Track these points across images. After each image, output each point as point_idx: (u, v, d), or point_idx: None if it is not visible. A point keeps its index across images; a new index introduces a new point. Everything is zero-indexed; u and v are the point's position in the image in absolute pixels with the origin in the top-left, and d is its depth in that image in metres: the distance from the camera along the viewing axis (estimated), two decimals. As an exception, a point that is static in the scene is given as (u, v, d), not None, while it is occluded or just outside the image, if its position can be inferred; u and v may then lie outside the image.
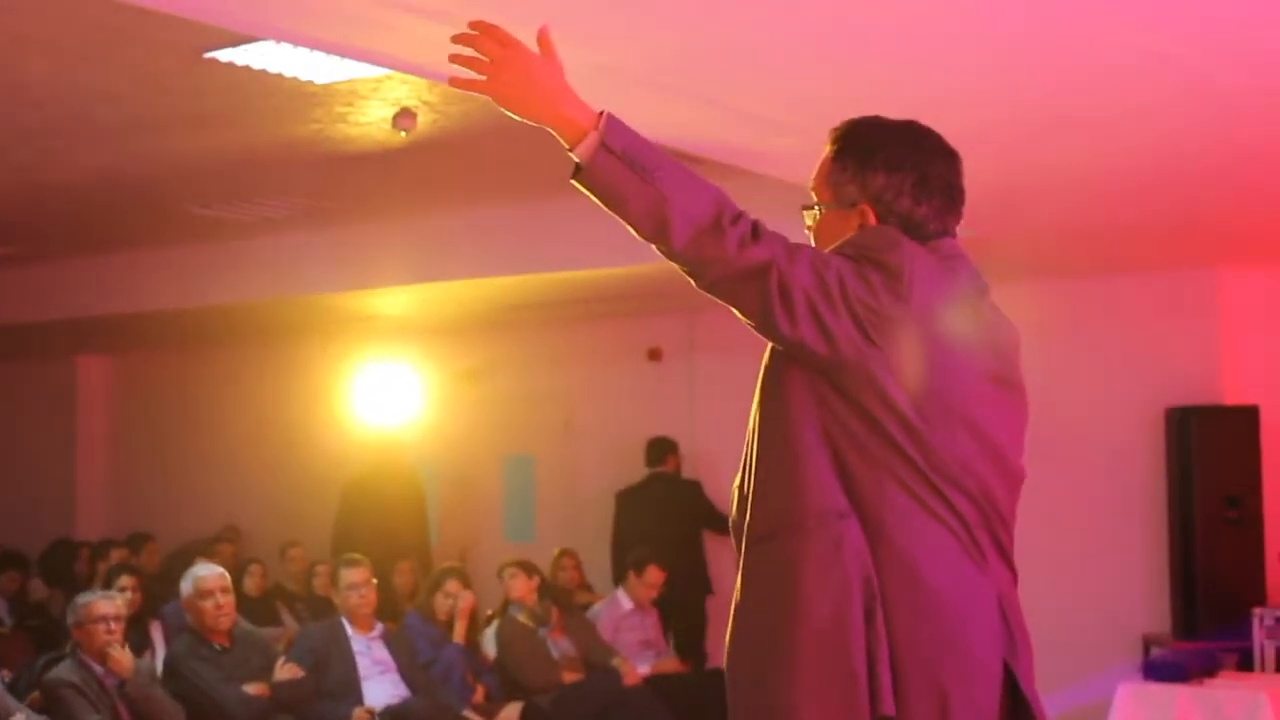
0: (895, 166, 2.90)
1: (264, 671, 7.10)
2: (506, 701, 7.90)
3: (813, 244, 2.99)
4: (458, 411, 11.77)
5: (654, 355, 11.40)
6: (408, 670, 7.57)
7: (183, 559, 10.07)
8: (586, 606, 9.11)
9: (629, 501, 10.58)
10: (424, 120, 7.06)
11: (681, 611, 10.07)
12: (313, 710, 7.16)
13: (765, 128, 5.83)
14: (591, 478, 11.45)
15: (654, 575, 9.01)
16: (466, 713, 7.52)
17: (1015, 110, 5.64)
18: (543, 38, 2.81)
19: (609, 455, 11.11)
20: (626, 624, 8.91)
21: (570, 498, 11.45)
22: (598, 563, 10.41)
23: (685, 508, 10.44)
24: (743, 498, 2.93)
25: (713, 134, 6.03)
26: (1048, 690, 2.97)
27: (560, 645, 8.36)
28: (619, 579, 9.49)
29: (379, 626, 7.67)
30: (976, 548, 2.79)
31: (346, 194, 8.95)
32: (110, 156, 7.88)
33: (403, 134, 7.22)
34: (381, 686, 7.45)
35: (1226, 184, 7.04)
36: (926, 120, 3.03)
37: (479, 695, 7.84)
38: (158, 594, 9.30)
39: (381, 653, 7.60)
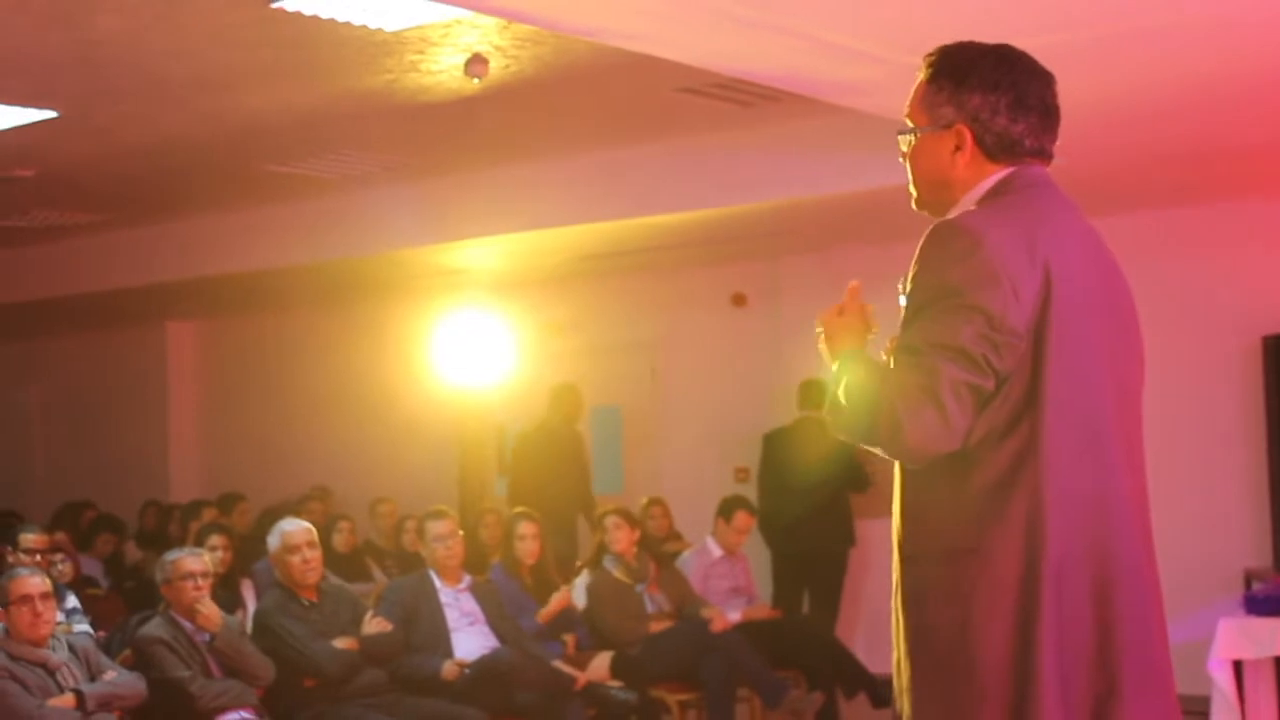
0: (991, 86, 2.94)
1: (353, 626, 7.09)
2: (596, 651, 7.86)
3: (908, 169, 3.04)
4: (545, 364, 11.71)
5: (738, 301, 11.29)
6: (496, 621, 7.54)
7: (272, 518, 10.13)
8: (676, 555, 9.03)
9: (777, 444, 10.41)
10: (496, 66, 6.98)
11: (822, 561, 10.03)
12: (403, 663, 7.15)
13: (845, 57, 5.72)
14: (676, 426, 11.38)
15: (743, 521, 8.93)
16: (557, 663, 7.46)
17: (1092, 28, 5.47)
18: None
19: (695, 403, 11.02)
20: (715, 571, 8.84)
21: (657, 447, 11.37)
22: (682, 512, 10.32)
23: (832, 455, 10.29)
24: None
25: (791, 64, 5.91)
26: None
27: (656, 599, 8.30)
28: (761, 526, 9.39)
29: (467, 578, 7.64)
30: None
31: (424, 146, 8.91)
32: (185, 117, 7.88)
33: (475, 81, 7.15)
34: (471, 638, 7.42)
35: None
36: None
37: (570, 646, 7.81)
38: (249, 553, 9.35)
39: (470, 604, 7.57)
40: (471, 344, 11.54)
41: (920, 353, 2.76)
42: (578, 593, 8.32)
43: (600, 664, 7.72)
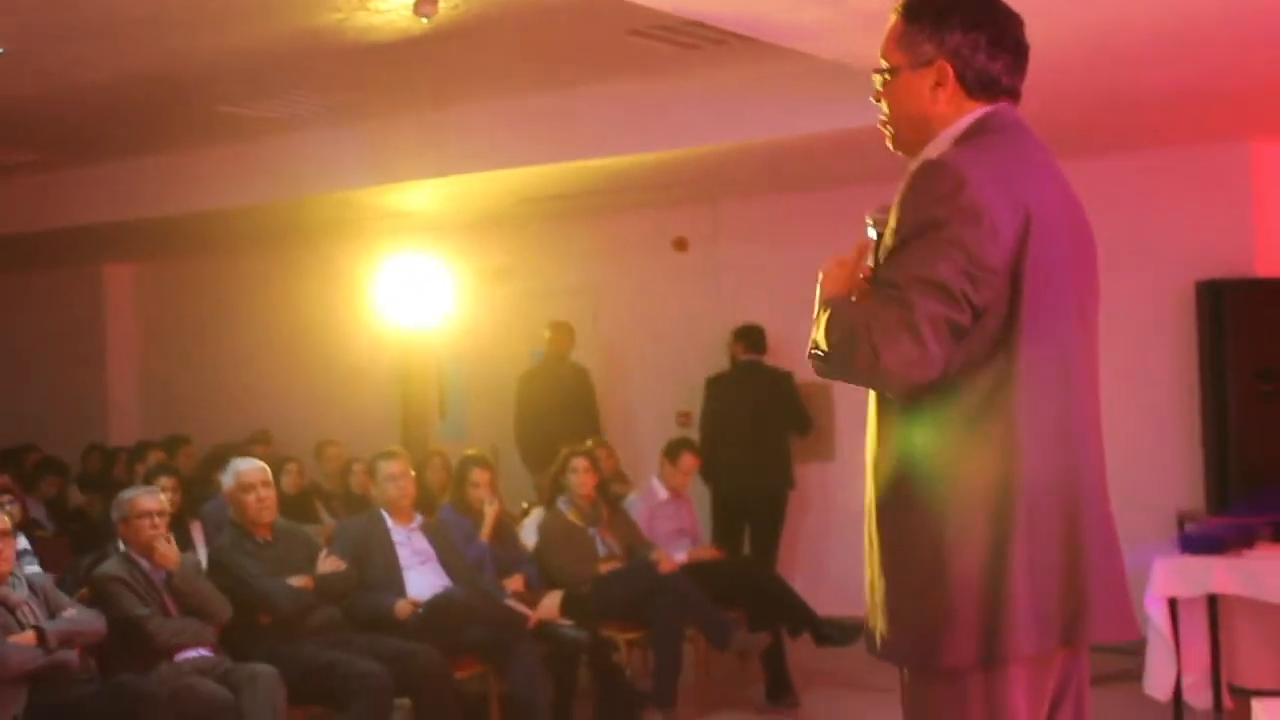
0: (972, 24, 3.03)
1: (307, 564, 7.13)
2: (545, 590, 7.94)
3: (884, 108, 3.13)
4: (486, 308, 11.75)
5: (679, 245, 11.35)
6: (447, 560, 7.60)
7: (215, 462, 10.15)
8: (622, 497, 9.12)
9: (718, 388, 10.55)
10: (444, 6, 6.98)
11: (762, 503, 10.16)
12: (356, 602, 7.20)
13: (801, 0, 5.74)
14: (618, 370, 11.45)
15: (688, 463, 9.02)
16: (509, 601, 7.54)
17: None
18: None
19: (636, 347, 11.09)
20: (661, 513, 8.94)
21: (599, 391, 11.43)
22: (624, 455, 10.40)
23: (774, 398, 10.44)
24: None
25: (747, 6, 5.95)
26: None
27: (607, 542, 8.39)
28: (702, 469, 9.53)
29: (418, 518, 7.70)
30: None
31: (369, 87, 8.89)
32: (133, 57, 7.82)
33: (424, 20, 7.15)
34: (423, 576, 7.48)
35: (1257, 52, 6.94)
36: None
37: (518, 584, 7.87)
38: (194, 496, 9.37)
39: (421, 543, 7.63)
40: (413, 287, 11.53)
41: (900, 286, 2.84)
42: (528, 531, 8.41)
43: (551, 603, 7.79)
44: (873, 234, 3.13)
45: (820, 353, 2.97)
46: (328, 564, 7.14)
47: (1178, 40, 6.66)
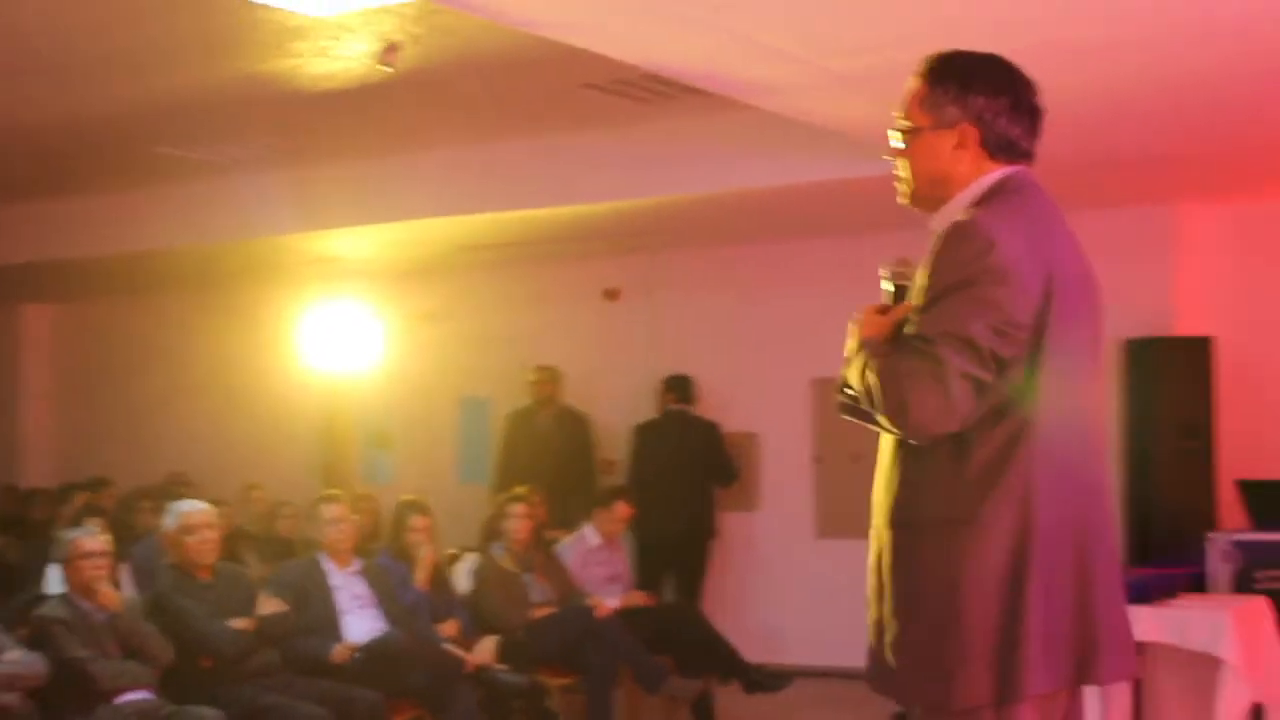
0: (995, 90, 3.21)
1: (247, 606, 7.11)
2: (480, 635, 7.96)
3: (902, 167, 3.28)
4: (415, 354, 11.79)
5: (610, 295, 11.46)
6: (386, 604, 7.60)
7: (133, 504, 10.08)
8: (551, 543, 9.16)
9: (646, 436, 10.70)
10: (405, 56, 7.05)
11: (685, 551, 10.24)
12: (294, 645, 7.18)
13: (768, 57, 5.90)
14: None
15: (621, 510, 9.09)
16: (446, 646, 7.56)
17: (1009, 42, 5.70)
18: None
19: (566, 395, 11.15)
20: (594, 559, 8.98)
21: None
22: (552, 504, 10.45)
23: (699, 448, 10.56)
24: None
25: (715, 61, 6.07)
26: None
27: (541, 588, 8.43)
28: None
29: (357, 562, 7.70)
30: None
31: (313, 133, 8.93)
32: (86, 95, 7.81)
33: (387, 69, 7.20)
34: (361, 620, 7.48)
35: (1183, 121, 7.19)
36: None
37: (452, 629, 7.88)
38: (117, 537, 9.26)
39: (360, 587, 7.62)
40: (340, 331, 11.56)
41: (932, 341, 2.98)
42: (459, 577, 8.43)
43: (486, 647, 7.83)
44: (887, 286, 3.29)
45: (849, 395, 3.09)
46: (269, 605, 7.12)
47: (1105, 108, 6.88)
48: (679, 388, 10.72)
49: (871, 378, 3.04)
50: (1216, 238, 9.21)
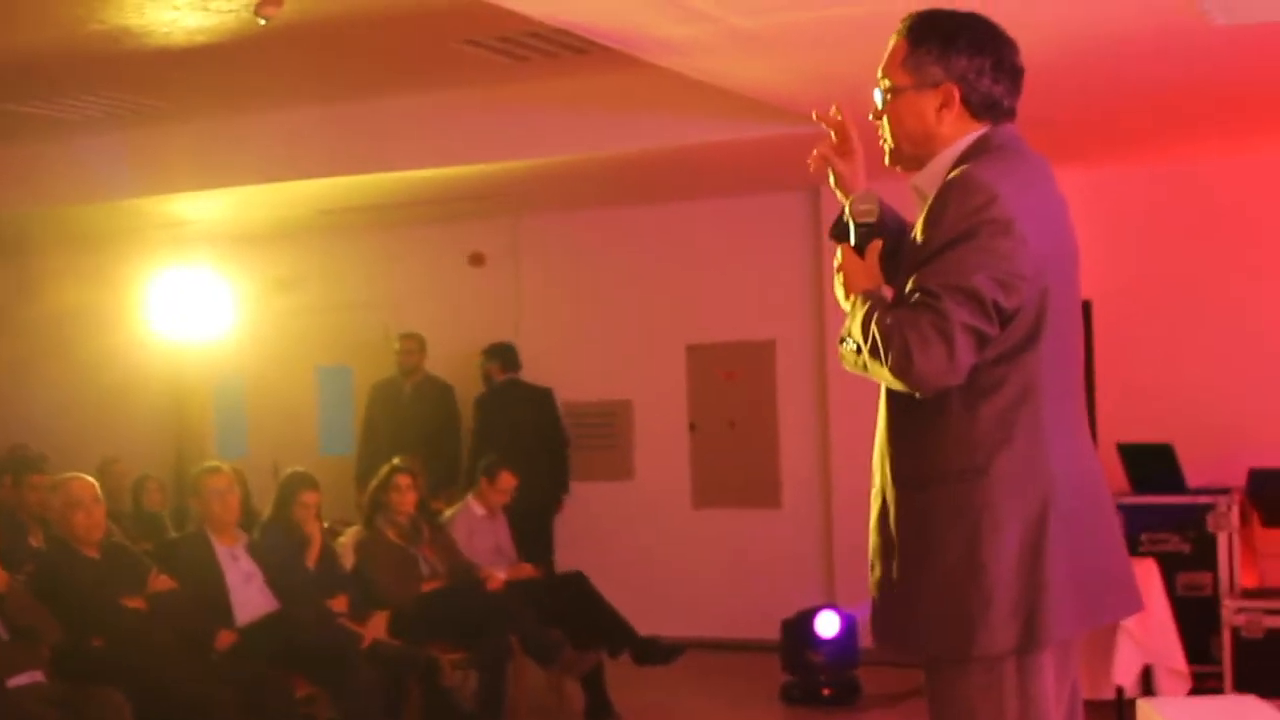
0: (977, 49, 3.28)
1: (136, 583, 7.01)
2: (370, 610, 7.94)
3: (885, 125, 3.36)
4: (271, 321, 11.65)
5: (475, 260, 11.45)
6: (275, 580, 7.54)
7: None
8: (437, 514, 9.15)
9: (484, 406, 10.72)
10: (237, 16, 6.96)
11: (530, 519, 10.27)
12: (186, 624, 7.10)
13: (680, 15, 5.94)
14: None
15: (506, 481, 9.11)
16: (341, 621, 7.54)
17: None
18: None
19: (430, 364, 11.12)
20: (478, 530, 9.00)
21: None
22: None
23: (532, 417, 10.61)
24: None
25: (625, 18, 6.10)
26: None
27: (429, 561, 8.42)
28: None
29: (243, 537, 7.63)
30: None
31: (160, 90, 8.74)
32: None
33: (262, 21, 7.10)
34: (250, 597, 7.42)
35: (1043, 85, 7.36)
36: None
37: (341, 604, 7.85)
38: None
39: (248, 563, 7.55)
40: (192, 299, 11.39)
41: (935, 294, 3.08)
42: (344, 551, 8.38)
43: (378, 623, 7.82)
44: (853, 222, 3.39)
45: (854, 344, 3.18)
46: (160, 583, 7.04)
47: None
48: (503, 356, 10.79)
49: (876, 330, 3.12)
50: (1085, 203, 9.49)
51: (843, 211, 3.46)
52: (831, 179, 3.54)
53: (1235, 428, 9.23)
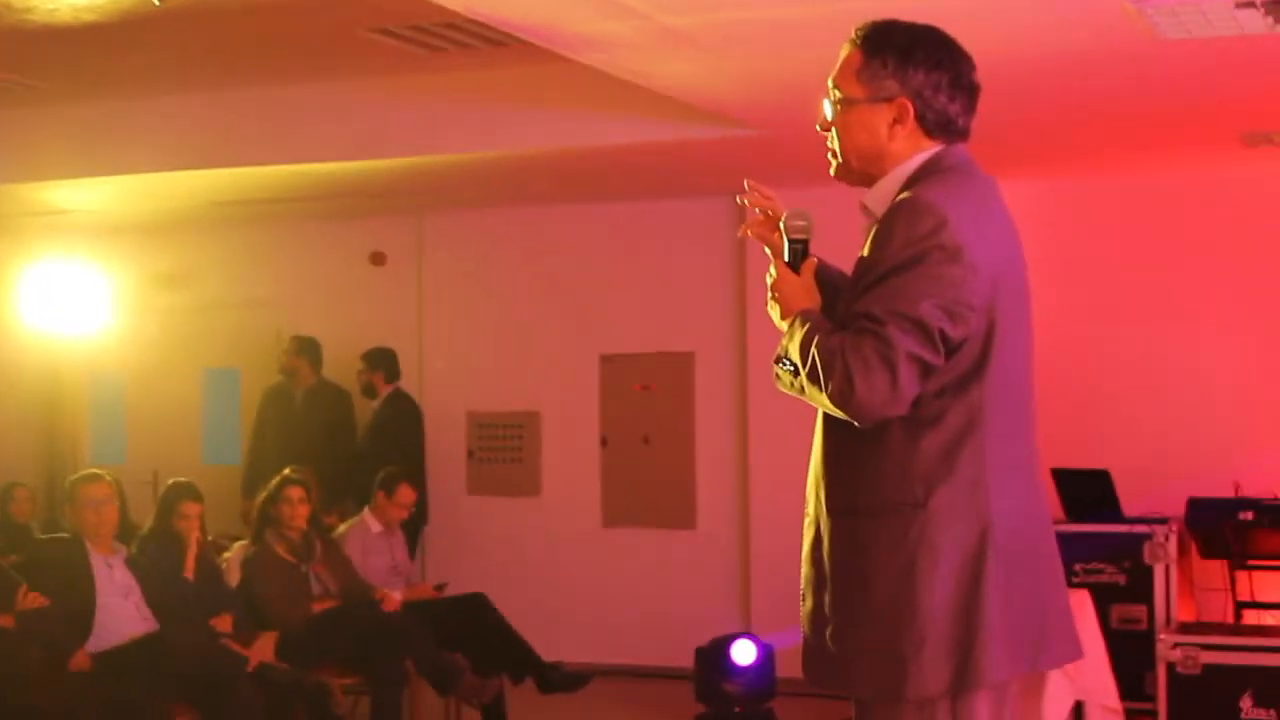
0: (934, 64, 3.30)
1: (4, 601, 6.92)
2: (256, 631, 7.89)
3: (835, 137, 3.38)
4: (154, 319, 11.55)
5: (377, 260, 11.40)
6: (153, 595, 7.48)
7: None
8: (330, 530, 9.10)
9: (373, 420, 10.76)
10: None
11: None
12: (57, 642, 7.02)
13: (607, 10, 5.95)
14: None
15: (405, 495, 9.08)
16: (223, 642, 7.48)
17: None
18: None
19: (328, 368, 11.07)
20: (374, 547, 8.96)
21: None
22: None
23: (414, 429, 10.63)
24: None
25: (549, 13, 6.11)
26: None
27: (321, 579, 8.36)
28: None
29: (120, 548, 7.55)
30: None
31: (41, 71, 8.64)
32: None
33: (156, 3, 7.06)
34: (128, 614, 7.35)
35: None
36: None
37: (225, 624, 7.79)
38: None
39: (125, 576, 7.48)
40: (68, 293, 11.24)
41: (880, 320, 3.09)
42: (230, 568, 8.32)
43: (265, 644, 7.77)
44: (787, 239, 3.42)
45: (791, 366, 3.20)
46: (30, 600, 6.95)
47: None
48: (388, 364, 10.78)
49: (816, 354, 3.14)
50: (1025, 218, 9.55)
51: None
52: (768, 249, 3.57)
53: (1175, 455, 9.36)
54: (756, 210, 3.59)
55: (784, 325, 3.30)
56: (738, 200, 3.64)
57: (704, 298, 10.55)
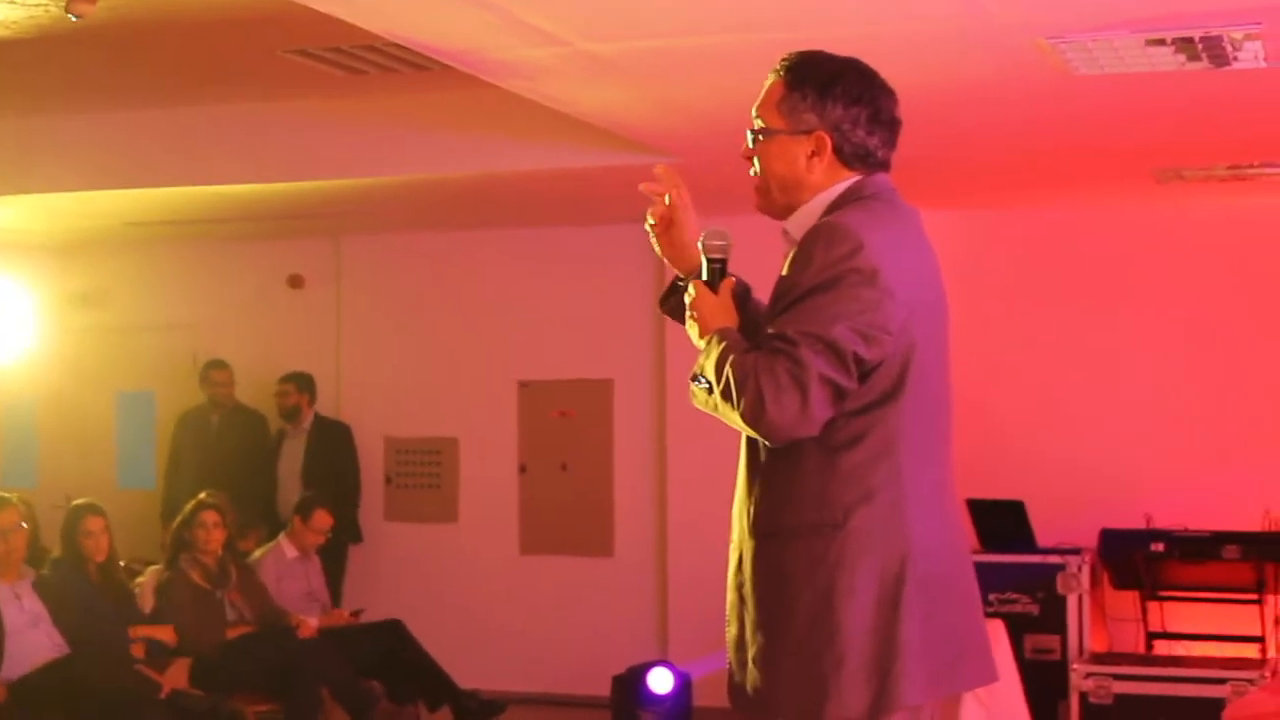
0: (854, 99, 3.38)
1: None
2: (169, 657, 7.87)
3: (755, 167, 3.45)
4: (67, 340, 11.49)
5: (294, 282, 11.39)
6: (63, 620, 7.46)
7: None
8: (245, 555, 9.09)
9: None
10: (46, 10, 6.90)
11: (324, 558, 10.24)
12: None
13: (532, 38, 5.99)
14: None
15: (321, 520, 9.10)
16: (136, 668, 7.47)
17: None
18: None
19: (243, 392, 11.05)
20: (290, 573, 8.97)
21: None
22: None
23: (339, 452, 10.63)
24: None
25: (473, 39, 6.13)
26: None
27: (236, 605, 8.36)
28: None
29: (30, 573, 7.52)
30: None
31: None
32: None
33: (74, 18, 7.04)
34: (37, 640, 7.33)
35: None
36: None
37: (138, 650, 7.78)
38: None
39: (34, 603, 7.47)
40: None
41: (793, 342, 3.16)
42: (142, 593, 8.30)
43: (178, 670, 7.75)
44: (705, 258, 3.48)
45: (706, 383, 3.27)
46: (-64, 626, 6.92)
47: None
48: (310, 387, 10.83)
49: (730, 373, 3.21)
50: (942, 248, 9.69)
51: (673, 282, 3.59)
52: (657, 247, 3.62)
53: (1088, 486, 9.48)
54: (654, 197, 3.62)
55: (701, 343, 3.36)
56: (640, 188, 3.65)
57: (623, 325, 10.61)
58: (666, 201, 3.59)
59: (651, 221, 3.62)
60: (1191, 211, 9.70)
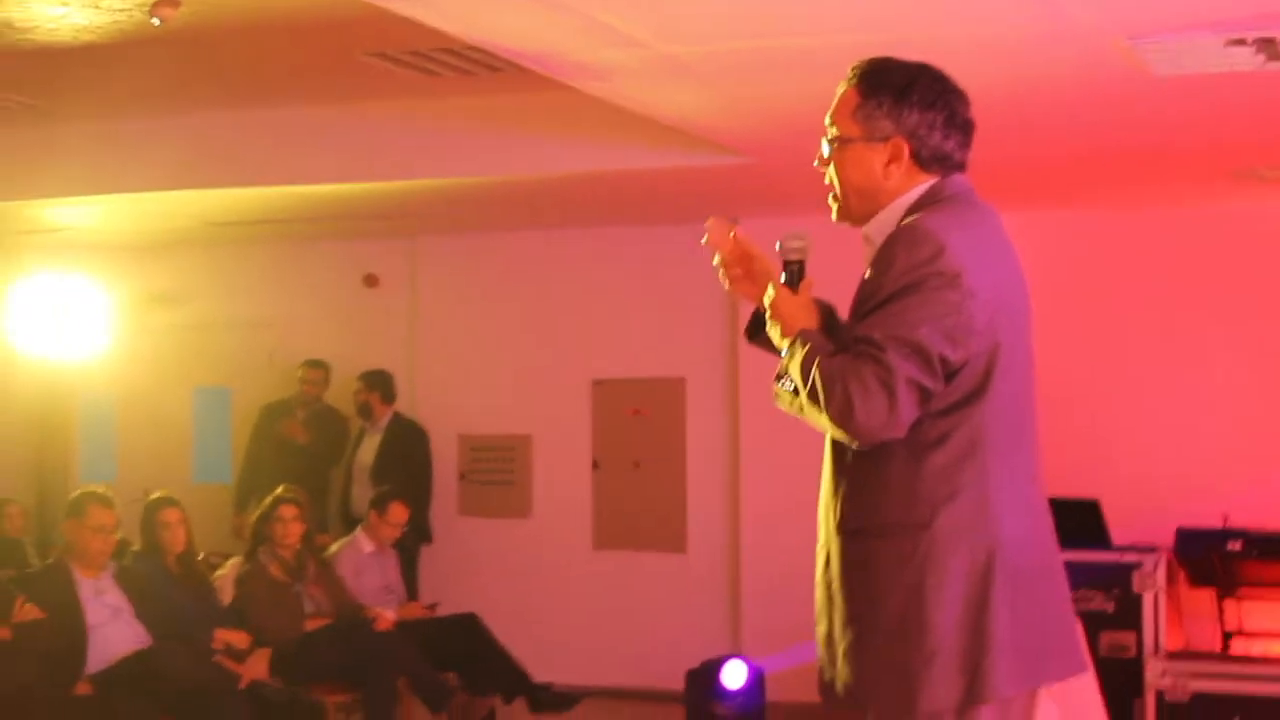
0: (929, 104, 3.43)
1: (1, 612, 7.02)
2: (250, 647, 7.98)
3: (832, 174, 3.51)
4: (146, 338, 11.64)
5: (370, 282, 11.52)
6: (144, 612, 7.56)
7: None
8: (323, 549, 9.21)
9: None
10: (130, 15, 7.02)
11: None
12: (47, 658, 7.11)
13: (609, 39, 6.06)
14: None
15: (397, 514, 9.19)
16: (218, 659, 7.59)
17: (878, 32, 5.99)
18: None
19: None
20: (366, 567, 9.07)
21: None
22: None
23: (412, 452, 10.74)
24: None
25: (552, 41, 6.21)
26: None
27: (315, 598, 8.47)
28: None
29: (111, 566, 7.64)
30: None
31: (41, 90, 8.75)
32: None
33: (156, 22, 7.17)
34: (118, 631, 7.43)
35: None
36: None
37: (233, 639, 7.89)
38: None
39: (115, 596, 7.56)
40: (61, 311, 11.32)
41: (880, 345, 3.22)
42: (224, 586, 8.43)
43: (258, 661, 7.86)
44: (786, 260, 3.54)
45: (792, 385, 3.33)
46: (27, 612, 7.05)
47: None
48: (384, 386, 10.91)
49: (817, 375, 3.26)
50: (1018, 248, 9.72)
51: (756, 312, 3.61)
52: (727, 285, 3.67)
53: (1164, 485, 9.47)
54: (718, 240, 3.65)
55: (784, 344, 3.41)
56: (702, 241, 3.69)
57: (695, 323, 10.67)
58: (732, 236, 3.62)
59: (719, 263, 3.65)
60: (1270, 211, 9.66)
